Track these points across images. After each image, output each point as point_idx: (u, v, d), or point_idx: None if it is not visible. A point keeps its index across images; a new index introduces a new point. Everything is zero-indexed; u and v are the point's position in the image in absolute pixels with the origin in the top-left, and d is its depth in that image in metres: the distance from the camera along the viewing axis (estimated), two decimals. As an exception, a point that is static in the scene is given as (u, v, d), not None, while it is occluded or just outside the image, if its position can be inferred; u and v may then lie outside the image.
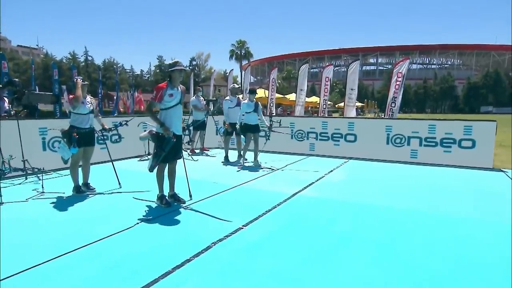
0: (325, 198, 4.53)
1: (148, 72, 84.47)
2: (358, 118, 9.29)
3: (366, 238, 3.14)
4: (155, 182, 4.98)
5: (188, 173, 6.03)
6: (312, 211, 3.99)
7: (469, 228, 3.40)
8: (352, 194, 4.72)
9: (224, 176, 5.96)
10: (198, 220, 3.64)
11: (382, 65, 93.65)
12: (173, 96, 3.85)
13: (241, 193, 4.71)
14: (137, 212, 3.84)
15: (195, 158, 7.72)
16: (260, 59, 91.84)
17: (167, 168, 4.13)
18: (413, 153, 7.18)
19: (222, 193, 4.73)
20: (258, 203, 4.15)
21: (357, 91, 12.43)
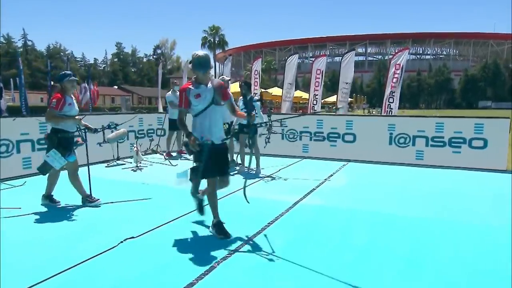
0: (331, 206, 4.63)
1: (104, 62, 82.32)
2: (357, 116, 9.52)
3: (388, 251, 3.24)
4: (129, 191, 4.89)
5: (169, 180, 6.00)
6: (320, 221, 4.07)
7: (496, 239, 3.58)
8: (359, 201, 4.85)
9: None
10: (193, 235, 3.61)
11: (372, 55, 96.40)
12: (200, 96, 3.41)
13: (236, 202, 4.71)
14: (118, 228, 3.75)
15: (174, 163, 7.64)
16: (235, 48, 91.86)
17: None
18: (418, 154, 7.46)
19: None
20: (257, 214, 4.17)
21: (351, 86, 12.75)
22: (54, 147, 4.32)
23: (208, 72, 3.46)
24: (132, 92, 58.21)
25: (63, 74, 4.47)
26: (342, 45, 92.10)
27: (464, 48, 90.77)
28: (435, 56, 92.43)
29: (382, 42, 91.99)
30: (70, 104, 4.43)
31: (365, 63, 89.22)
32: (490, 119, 7.08)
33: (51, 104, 4.36)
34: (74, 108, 4.48)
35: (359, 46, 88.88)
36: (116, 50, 78.16)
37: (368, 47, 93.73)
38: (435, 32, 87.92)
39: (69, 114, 4.41)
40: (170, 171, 6.95)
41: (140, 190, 5.24)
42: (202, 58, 3.40)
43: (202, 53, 3.44)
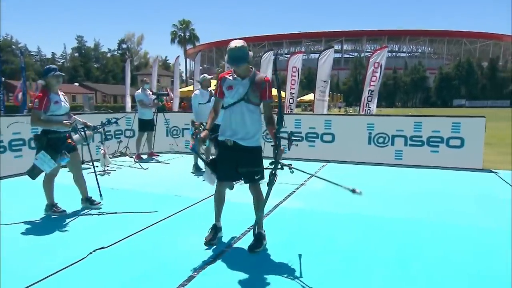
0: (312, 209, 4.70)
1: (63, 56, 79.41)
2: (336, 115, 9.71)
3: (373, 255, 3.32)
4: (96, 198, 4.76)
5: (141, 184, 5.93)
6: (302, 225, 4.12)
7: (483, 240, 3.74)
8: (341, 204, 4.94)
9: (188, 187, 5.92)
10: (169, 243, 3.56)
11: (348, 53, 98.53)
12: (233, 89, 3.27)
13: (212, 207, 4.68)
14: (86, 239, 3.64)
15: (144, 166, 7.49)
16: (206, 44, 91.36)
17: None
18: (397, 153, 7.71)
19: (189, 208, 4.69)
20: (235, 218, 4.17)
21: (329, 84, 12.96)
22: (43, 148, 4.13)
23: (245, 66, 3.22)
24: (96, 89, 56.55)
25: (48, 68, 4.27)
26: (317, 42, 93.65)
27: (439, 46, 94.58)
28: (411, 54, 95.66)
29: (358, 39, 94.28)
30: (57, 102, 4.22)
31: (341, 61, 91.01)
32: (467, 118, 7.42)
33: (33, 105, 4.13)
34: (62, 106, 4.27)
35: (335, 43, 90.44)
36: (76, 44, 75.57)
37: (344, 44, 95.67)
38: (410, 30, 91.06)
39: (57, 114, 4.21)
40: (140, 175, 6.83)
41: (108, 196, 5.09)
42: (232, 51, 3.17)
43: (233, 45, 3.18)
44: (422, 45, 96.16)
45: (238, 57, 3.17)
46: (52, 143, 4.17)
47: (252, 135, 3.30)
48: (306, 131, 8.45)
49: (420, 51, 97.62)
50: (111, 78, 72.18)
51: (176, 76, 17.11)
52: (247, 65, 3.26)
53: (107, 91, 57.59)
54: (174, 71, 17.11)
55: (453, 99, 75.19)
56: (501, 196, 5.34)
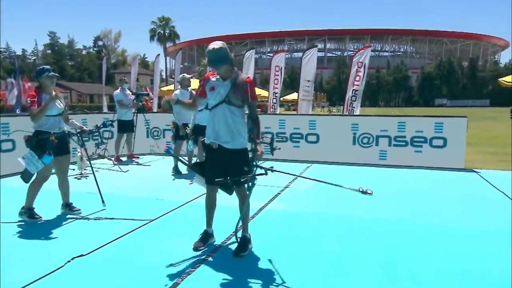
0: (297, 211, 4.74)
1: (35, 53, 77.18)
2: (320, 116, 9.80)
3: (361, 257, 3.38)
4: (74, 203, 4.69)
5: (121, 188, 5.84)
6: (288, 228, 4.15)
7: (465, 239, 3.85)
8: (326, 205, 5.01)
9: (170, 190, 5.88)
10: (151, 249, 3.52)
11: (331, 52, 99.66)
12: (214, 90, 3.30)
13: (195, 210, 4.66)
14: (64, 246, 3.56)
15: (124, 169, 7.38)
16: (187, 41, 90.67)
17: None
18: (382, 154, 7.85)
19: (172, 211, 4.66)
20: (219, 222, 4.13)
21: (313, 83, 13.06)
22: (31, 148, 4.13)
23: (225, 67, 3.24)
24: (70, 88, 55.25)
25: (41, 69, 4.27)
26: (300, 40, 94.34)
27: (420, 46, 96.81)
28: (393, 53, 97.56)
29: (341, 38, 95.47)
30: None
31: (324, 60, 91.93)
32: (449, 118, 7.63)
33: (28, 101, 4.17)
34: (54, 107, 4.25)
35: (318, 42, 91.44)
36: (49, 41, 73.54)
37: (327, 42, 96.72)
38: (392, 29, 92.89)
39: (50, 114, 4.21)
40: (120, 178, 6.73)
41: (86, 201, 5.00)
42: (210, 53, 3.18)
43: (211, 47, 3.19)
44: (405, 45, 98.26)
45: (217, 59, 3.19)
46: (42, 144, 4.15)
47: (236, 137, 3.31)
48: (291, 131, 8.51)
49: (402, 50, 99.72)
50: (87, 76, 70.64)
51: (156, 75, 16.92)
52: (228, 67, 3.28)
53: (83, 90, 56.37)
54: (154, 70, 16.91)
55: (435, 99, 77.15)
56: (483, 196, 5.52)
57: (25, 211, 4.31)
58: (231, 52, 3.34)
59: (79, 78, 67.67)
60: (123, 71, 67.85)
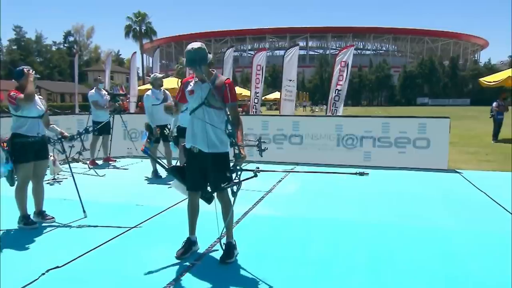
0: (283, 216, 4.77)
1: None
2: (304, 117, 9.88)
3: (349, 262, 3.43)
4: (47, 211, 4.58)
5: (97, 193, 5.73)
6: (274, 233, 4.17)
7: (451, 241, 3.96)
8: (312, 209, 5.07)
9: (149, 195, 5.82)
10: (132, 258, 3.48)
11: (313, 50, 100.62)
12: (194, 93, 3.31)
13: (177, 216, 4.61)
14: (38, 257, 3.48)
15: (101, 173, 7.25)
16: (165, 38, 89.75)
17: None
18: (366, 155, 7.99)
19: (153, 218, 4.61)
20: (203, 228, 4.11)
21: (296, 83, 13.16)
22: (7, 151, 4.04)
23: (203, 68, 3.22)
24: (39, 87, 53.71)
25: (21, 70, 4.17)
26: (282, 38, 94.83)
27: (402, 44, 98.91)
28: (376, 52, 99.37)
29: (323, 36, 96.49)
30: None
31: (306, 58, 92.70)
32: (432, 119, 7.85)
33: (11, 94, 4.05)
34: (35, 108, 4.15)
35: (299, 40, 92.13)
36: (14, 36, 71.19)
37: (309, 40, 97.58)
38: (374, 27, 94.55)
39: (28, 116, 4.12)
40: (96, 183, 6.61)
41: (60, 208, 4.89)
42: (189, 54, 3.20)
43: (190, 47, 3.22)
44: (387, 43, 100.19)
45: (196, 59, 3.19)
46: (16, 147, 4.07)
47: (216, 141, 3.31)
48: (274, 133, 8.55)
49: (384, 49, 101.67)
50: (57, 74, 68.82)
51: (132, 74, 16.69)
52: (207, 68, 3.29)
53: (53, 89, 54.92)
54: (131, 69, 16.67)
55: (417, 98, 79.02)
56: (467, 197, 5.69)
57: (21, 219, 4.27)
58: (210, 51, 3.34)
59: (48, 76, 65.81)
60: (96, 68, 66.50)
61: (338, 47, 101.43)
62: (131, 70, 16.60)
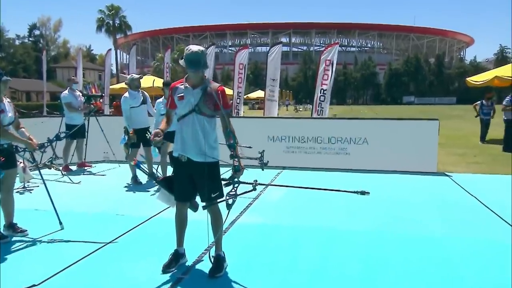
0: (272, 224, 4.81)
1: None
2: (291, 119, 9.95)
3: (339, 270, 3.49)
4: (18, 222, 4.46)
5: (73, 202, 5.62)
6: (263, 242, 4.21)
7: (445, 248, 4.06)
8: (299, 216, 5.12)
9: (130, 204, 5.77)
10: (113, 273, 3.44)
11: (297, 46, 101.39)
12: (184, 99, 3.29)
13: (162, 226, 4.61)
14: (12, 275, 3.40)
15: (75, 180, 7.11)
16: (140, 33, 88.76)
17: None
18: (354, 158, 8.08)
19: (135, 228, 4.58)
20: (190, 239, 4.12)
21: (278, 82, 13.25)
22: None
23: (200, 73, 3.24)
24: (3, 85, 52.27)
25: None
26: (264, 34, 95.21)
27: (388, 41, 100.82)
28: (360, 49, 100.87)
29: (307, 32, 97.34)
30: (2, 112, 4.01)
31: (289, 54, 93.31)
32: (421, 121, 8.06)
33: None
34: (6, 116, 4.04)
35: (282, 36, 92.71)
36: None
37: (292, 36, 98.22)
38: (359, 23, 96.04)
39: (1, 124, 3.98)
40: (71, 191, 6.49)
41: (32, 219, 4.77)
42: (193, 55, 3.18)
43: (194, 49, 3.21)
44: (372, 40, 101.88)
45: (199, 61, 3.18)
46: None
47: (207, 149, 3.30)
48: (259, 135, 8.55)
49: (369, 45, 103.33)
50: (22, 70, 66.89)
51: (107, 72, 16.45)
52: (202, 73, 3.28)
53: (17, 87, 53.35)
54: (105, 67, 16.42)
55: (403, 96, 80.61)
56: (457, 202, 5.84)
57: (7, 227, 4.23)
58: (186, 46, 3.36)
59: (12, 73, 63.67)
60: (65, 65, 65.02)
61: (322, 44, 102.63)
62: (105, 68, 16.36)
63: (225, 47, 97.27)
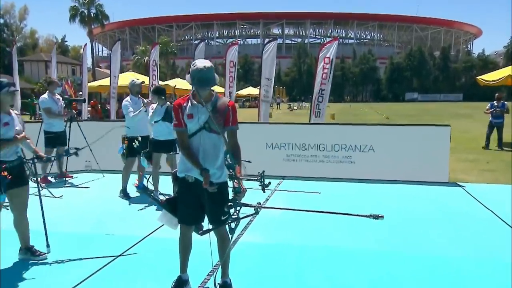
0: (275, 244, 4.89)
1: None
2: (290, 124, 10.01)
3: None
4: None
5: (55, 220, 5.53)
6: (269, 264, 4.28)
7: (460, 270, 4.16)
8: (305, 235, 5.18)
9: (120, 221, 5.78)
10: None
11: (290, 38, 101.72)
12: (193, 117, 3.33)
13: (157, 248, 4.65)
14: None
15: (56, 193, 7.09)
16: (118, 22, 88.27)
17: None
18: (358, 167, 8.21)
19: (128, 251, 4.58)
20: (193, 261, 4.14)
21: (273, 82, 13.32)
22: None
23: (210, 90, 3.31)
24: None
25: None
26: (254, 24, 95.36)
27: (389, 33, 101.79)
28: (359, 41, 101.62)
29: (301, 23, 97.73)
30: (7, 125, 4.00)
31: (282, 47, 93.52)
32: (431, 127, 8.23)
33: None
34: (12, 129, 4.04)
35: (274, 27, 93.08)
36: None
37: (285, 27, 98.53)
38: (358, 13, 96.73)
39: (5, 138, 3.96)
40: (51, 206, 6.42)
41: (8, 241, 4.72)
42: (202, 73, 3.20)
43: (202, 65, 3.22)
44: (372, 31, 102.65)
45: (209, 79, 3.22)
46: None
47: (217, 170, 3.36)
48: (257, 141, 8.63)
49: (369, 37, 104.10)
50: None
51: (84, 70, 16.36)
52: (210, 89, 3.35)
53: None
54: (83, 63, 16.32)
55: (405, 92, 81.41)
56: (472, 216, 5.98)
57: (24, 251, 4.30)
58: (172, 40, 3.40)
59: (-31, 67, 62.85)
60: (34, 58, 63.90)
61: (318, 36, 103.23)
62: (82, 66, 16.27)
63: (212, 39, 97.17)
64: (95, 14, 54.37)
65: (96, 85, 23.96)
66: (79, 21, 54.28)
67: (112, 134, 7.21)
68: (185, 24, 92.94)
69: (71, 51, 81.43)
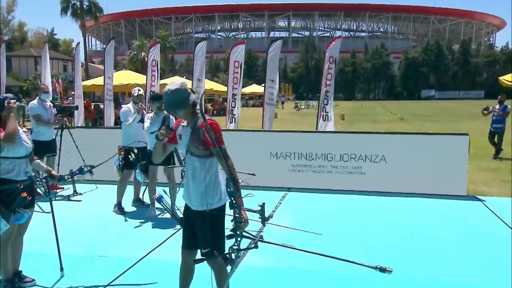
0: (281, 267, 4.89)
1: None
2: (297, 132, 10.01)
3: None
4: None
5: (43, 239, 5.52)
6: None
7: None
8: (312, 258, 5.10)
9: (114, 240, 5.78)
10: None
11: (297, 31, 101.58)
12: (182, 138, 3.50)
13: (154, 271, 4.68)
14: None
15: (46, 208, 7.09)
16: (112, 14, 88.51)
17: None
18: (369, 178, 8.21)
19: (121, 276, 4.59)
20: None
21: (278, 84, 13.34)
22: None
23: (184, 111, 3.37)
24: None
25: (3, 98, 4.02)
26: (258, 17, 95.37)
27: (404, 25, 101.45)
28: (372, 34, 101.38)
29: (309, 15, 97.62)
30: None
31: (288, 41, 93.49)
32: (448, 136, 8.26)
33: None
34: (22, 146, 4.06)
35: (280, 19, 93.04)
36: None
37: (291, 20, 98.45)
38: (370, 4, 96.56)
39: (15, 156, 4.00)
40: (39, 223, 6.43)
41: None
42: (165, 96, 3.33)
43: (167, 89, 3.32)
44: (385, 23, 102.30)
45: (173, 103, 3.34)
46: (4, 197, 3.93)
47: (197, 196, 3.40)
48: (260, 151, 8.66)
49: (382, 30, 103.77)
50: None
51: (77, 69, 16.43)
52: (188, 110, 3.38)
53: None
54: (75, 62, 16.36)
55: (421, 90, 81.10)
56: (493, 235, 5.95)
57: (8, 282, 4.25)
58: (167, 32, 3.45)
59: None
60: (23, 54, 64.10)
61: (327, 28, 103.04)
62: (75, 65, 16.31)
63: (213, 32, 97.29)
64: (88, 7, 54.64)
65: (90, 84, 24.05)
66: (71, 14, 54.58)
67: (105, 141, 7.30)
68: (185, 16, 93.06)
69: (62, 45, 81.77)
